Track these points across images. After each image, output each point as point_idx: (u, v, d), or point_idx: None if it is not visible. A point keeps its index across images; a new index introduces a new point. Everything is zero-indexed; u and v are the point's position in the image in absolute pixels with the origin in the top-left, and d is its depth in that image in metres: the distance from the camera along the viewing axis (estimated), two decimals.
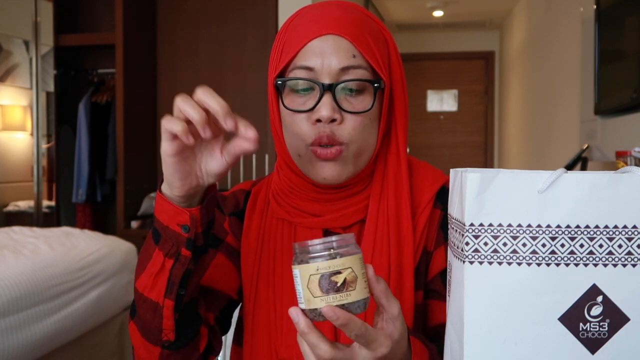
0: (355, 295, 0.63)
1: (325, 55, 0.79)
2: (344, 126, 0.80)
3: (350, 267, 0.63)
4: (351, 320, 0.62)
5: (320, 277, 0.63)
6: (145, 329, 0.78)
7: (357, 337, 0.63)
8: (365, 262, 0.84)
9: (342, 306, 0.62)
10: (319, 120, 0.80)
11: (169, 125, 0.67)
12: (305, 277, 0.63)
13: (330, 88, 0.79)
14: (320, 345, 0.63)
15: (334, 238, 0.64)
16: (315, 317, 0.64)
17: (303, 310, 0.64)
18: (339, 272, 0.62)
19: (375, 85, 0.81)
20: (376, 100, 0.82)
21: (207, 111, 0.67)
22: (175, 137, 0.68)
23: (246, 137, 0.70)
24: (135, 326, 0.79)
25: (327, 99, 0.79)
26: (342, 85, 0.80)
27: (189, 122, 0.67)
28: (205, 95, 0.67)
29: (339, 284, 0.62)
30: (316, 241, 0.64)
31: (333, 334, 0.82)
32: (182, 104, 0.67)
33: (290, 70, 0.82)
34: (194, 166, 0.72)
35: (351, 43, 0.80)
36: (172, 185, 0.72)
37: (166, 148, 0.69)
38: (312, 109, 0.80)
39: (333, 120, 0.80)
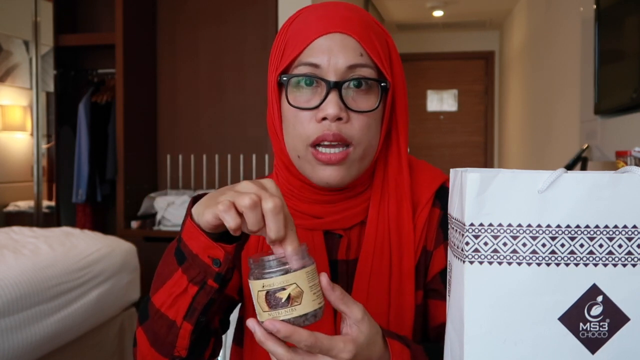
0: (301, 309, 0.64)
1: (332, 53, 0.78)
2: (351, 125, 0.79)
3: (295, 283, 0.64)
4: (295, 332, 0.63)
5: (266, 294, 0.65)
6: (156, 342, 0.77)
7: (309, 348, 0.64)
8: (366, 263, 0.85)
9: (288, 320, 0.64)
10: (324, 119, 0.78)
11: (224, 216, 0.64)
12: (255, 292, 0.66)
13: (336, 85, 0.78)
14: (277, 350, 0.65)
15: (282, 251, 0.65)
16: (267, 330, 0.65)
17: (259, 322, 0.66)
18: (283, 289, 0.64)
19: (382, 84, 0.81)
20: (381, 101, 0.81)
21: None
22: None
23: (288, 259, 0.65)
24: (145, 334, 0.78)
25: (333, 96, 0.78)
26: (348, 83, 0.79)
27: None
28: (273, 216, 0.63)
29: (283, 300, 0.64)
30: (266, 257, 0.65)
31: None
32: (247, 211, 0.63)
33: (295, 66, 0.80)
34: None
35: (358, 42, 0.79)
36: (204, 225, 0.68)
37: (209, 219, 0.66)
38: (317, 107, 0.79)
39: (339, 119, 0.78)
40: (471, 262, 0.60)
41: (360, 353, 0.66)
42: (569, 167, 2.60)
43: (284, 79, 0.81)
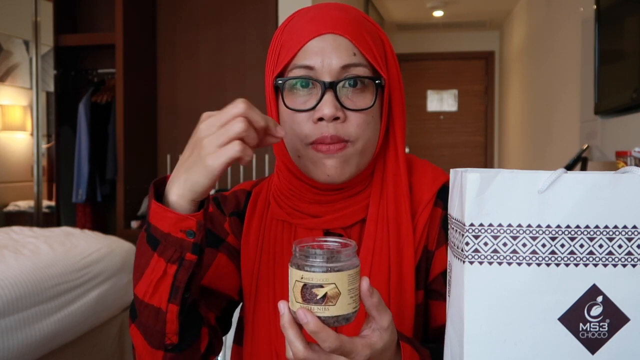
0: (334, 310, 0.63)
1: (326, 54, 0.79)
2: (349, 124, 0.80)
3: (334, 284, 0.62)
4: (323, 331, 0.62)
5: (303, 286, 0.63)
6: (147, 334, 0.77)
7: (331, 350, 0.63)
8: (366, 262, 0.85)
9: (318, 318, 0.63)
10: (320, 120, 0.79)
11: (246, 152, 0.69)
12: (293, 280, 0.64)
13: (331, 86, 0.79)
14: (295, 342, 0.64)
15: (332, 245, 0.64)
16: (297, 318, 0.64)
17: (290, 307, 0.65)
18: (320, 286, 0.62)
19: (377, 82, 0.81)
20: (377, 98, 0.82)
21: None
22: (243, 142, 0.70)
23: (276, 135, 0.73)
24: (138, 330, 0.79)
25: (328, 97, 0.79)
26: (343, 82, 0.80)
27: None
28: (254, 111, 0.72)
29: (318, 297, 0.62)
30: (312, 249, 0.64)
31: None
32: (252, 113, 0.71)
33: (290, 70, 0.81)
34: None
35: (350, 41, 0.80)
36: (202, 189, 0.71)
37: (219, 168, 0.69)
38: (313, 108, 0.80)
39: (336, 119, 0.79)
40: (471, 263, 0.60)
41: (373, 357, 0.66)
42: (569, 167, 2.60)
43: (280, 82, 0.82)
